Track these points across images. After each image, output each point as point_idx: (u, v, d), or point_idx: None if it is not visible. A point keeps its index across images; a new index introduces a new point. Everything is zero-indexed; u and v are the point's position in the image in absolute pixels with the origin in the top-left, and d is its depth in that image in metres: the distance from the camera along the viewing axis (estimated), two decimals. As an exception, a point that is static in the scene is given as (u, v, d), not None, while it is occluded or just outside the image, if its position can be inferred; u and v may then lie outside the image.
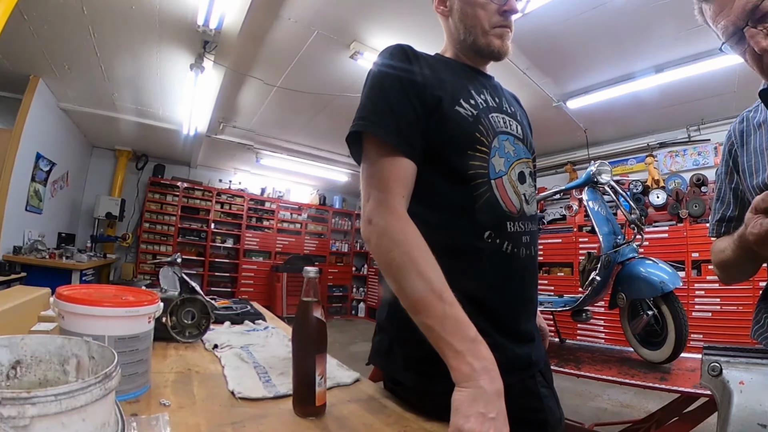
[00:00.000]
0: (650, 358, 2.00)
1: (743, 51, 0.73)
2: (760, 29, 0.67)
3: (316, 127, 5.40)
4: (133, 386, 0.68)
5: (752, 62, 0.73)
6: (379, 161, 0.72)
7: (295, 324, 0.68)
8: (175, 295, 1.16)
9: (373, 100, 0.74)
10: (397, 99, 0.73)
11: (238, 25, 3.02)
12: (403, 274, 0.65)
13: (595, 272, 2.22)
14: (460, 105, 0.76)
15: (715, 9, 0.73)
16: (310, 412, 0.66)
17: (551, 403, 0.80)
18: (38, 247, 4.16)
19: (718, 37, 0.75)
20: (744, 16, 0.68)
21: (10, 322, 0.92)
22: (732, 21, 0.70)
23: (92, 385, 0.34)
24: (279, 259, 7.52)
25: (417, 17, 3.00)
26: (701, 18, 0.79)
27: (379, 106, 0.73)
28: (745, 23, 0.68)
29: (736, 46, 0.73)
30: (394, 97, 0.73)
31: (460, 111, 0.76)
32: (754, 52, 0.70)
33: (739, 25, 0.69)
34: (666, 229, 4.40)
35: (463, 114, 0.76)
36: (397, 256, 0.66)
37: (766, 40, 0.67)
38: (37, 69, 3.90)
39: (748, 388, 0.55)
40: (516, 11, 0.82)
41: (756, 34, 0.67)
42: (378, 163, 0.72)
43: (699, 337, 3.67)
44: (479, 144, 0.76)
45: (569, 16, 2.96)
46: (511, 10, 0.81)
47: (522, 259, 0.77)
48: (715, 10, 0.73)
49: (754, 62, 0.72)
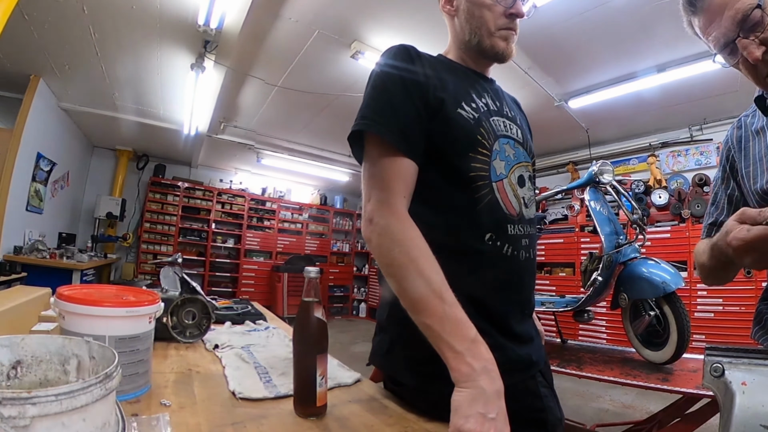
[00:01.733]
0: (652, 359, 1.99)
1: (737, 62, 0.72)
2: (752, 39, 0.66)
3: (317, 126, 5.40)
4: (133, 386, 0.68)
5: (747, 72, 0.72)
6: (381, 161, 0.71)
7: (296, 324, 0.68)
8: (175, 295, 1.16)
9: (376, 99, 0.74)
10: (400, 99, 0.73)
11: (238, 24, 3.02)
12: (403, 273, 0.65)
13: (597, 272, 2.22)
14: (461, 108, 0.76)
15: (704, 22, 0.72)
16: (310, 412, 0.66)
17: (551, 403, 0.81)
18: (39, 247, 4.17)
19: (710, 48, 0.74)
20: (734, 27, 0.67)
21: (11, 322, 0.91)
22: (723, 33, 0.69)
23: (93, 385, 0.34)
24: (280, 259, 7.53)
25: (418, 17, 3.00)
26: (690, 30, 0.78)
27: (382, 105, 0.73)
28: (736, 34, 0.67)
29: (729, 57, 0.72)
30: (397, 97, 0.73)
31: (462, 114, 0.76)
32: (748, 62, 0.69)
33: (731, 36, 0.68)
34: (668, 229, 4.39)
35: (465, 117, 0.76)
36: (398, 255, 0.65)
37: (759, 49, 0.66)
38: (38, 69, 3.90)
39: (750, 389, 0.55)
40: (522, 15, 0.82)
41: (749, 44, 0.67)
42: (380, 162, 0.72)
43: (701, 338, 3.67)
44: (481, 147, 0.76)
45: (571, 15, 2.95)
46: (517, 14, 0.82)
47: (522, 262, 0.78)
48: (704, 22, 0.72)
49: (749, 72, 0.72)
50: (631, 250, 2.17)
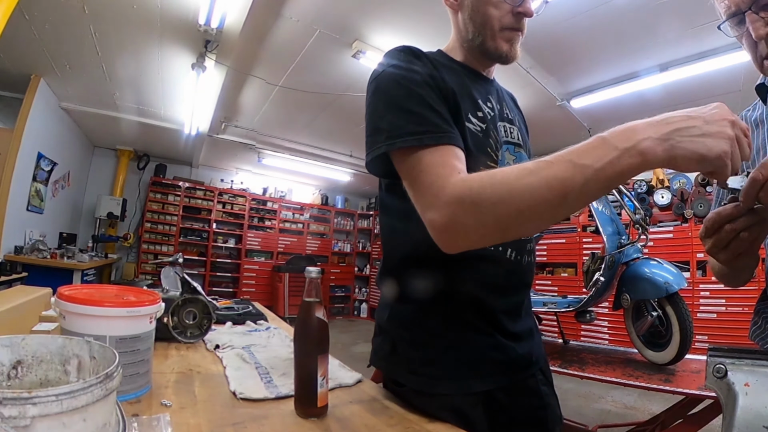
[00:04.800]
0: (654, 360, 1.99)
1: (741, 34, 0.73)
2: (762, 16, 0.67)
3: (318, 126, 5.40)
4: (134, 386, 0.68)
5: (748, 47, 0.73)
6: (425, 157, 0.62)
7: (297, 324, 0.67)
8: (176, 296, 1.16)
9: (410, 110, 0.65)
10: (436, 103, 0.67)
11: (239, 24, 3.03)
12: (534, 188, 0.52)
13: (599, 273, 2.21)
14: (468, 120, 0.73)
15: None
16: (311, 413, 0.65)
17: (551, 401, 0.82)
18: (39, 247, 4.17)
19: (720, 15, 0.75)
20: (749, 0, 0.68)
21: (12, 322, 0.91)
22: (735, 2, 0.70)
23: (93, 386, 0.33)
24: (281, 259, 7.53)
25: (419, 16, 3.00)
26: None
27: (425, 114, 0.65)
28: (747, 7, 0.68)
29: (735, 27, 0.73)
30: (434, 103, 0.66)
31: (469, 127, 0.73)
32: (751, 38, 0.70)
33: (742, 7, 0.69)
34: (671, 230, 4.39)
35: (473, 129, 0.73)
36: (512, 191, 0.53)
37: (765, 28, 0.67)
38: (39, 68, 3.91)
39: (753, 390, 0.54)
40: (531, 14, 0.77)
41: (757, 20, 0.68)
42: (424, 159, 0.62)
43: (704, 339, 3.67)
44: (489, 160, 0.74)
45: (573, 14, 2.95)
46: (525, 13, 0.76)
47: (524, 266, 0.79)
48: None
49: (750, 48, 0.73)
50: (634, 251, 2.17)
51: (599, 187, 0.51)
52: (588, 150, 0.51)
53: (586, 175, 0.50)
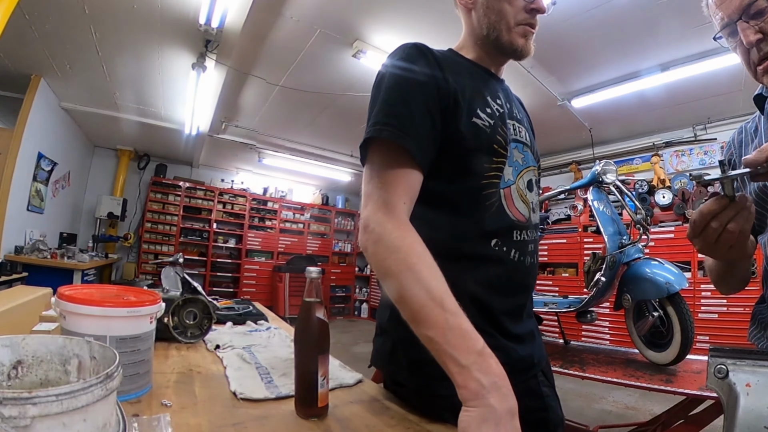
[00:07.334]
0: (656, 360, 1.99)
1: (735, 44, 0.77)
2: (752, 24, 0.71)
3: (318, 126, 5.40)
4: (134, 386, 0.68)
5: (741, 55, 0.77)
6: (386, 165, 0.68)
7: (298, 324, 0.67)
8: (177, 296, 1.16)
9: (390, 104, 0.70)
10: (416, 105, 0.69)
11: (240, 23, 3.03)
12: (400, 282, 0.59)
13: (600, 273, 2.21)
14: (477, 116, 0.74)
15: (716, 1, 0.77)
16: (312, 413, 0.65)
17: (553, 402, 0.81)
18: (40, 247, 4.18)
19: (715, 27, 0.79)
20: (739, 10, 0.72)
21: (12, 322, 0.91)
22: (728, 13, 0.74)
23: (93, 386, 0.33)
24: (281, 260, 7.53)
25: (420, 16, 3.00)
26: (707, 10, 0.82)
27: (397, 110, 0.69)
28: (738, 17, 0.72)
29: (730, 38, 0.77)
30: (413, 103, 0.69)
31: (477, 123, 0.73)
32: (743, 46, 0.74)
33: (733, 18, 0.73)
34: (672, 230, 4.38)
35: (480, 125, 0.74)
36: (394, 263, 0.60)
37: (755, 35, 0.71)
38: (39, 68, 3.91)
39: (754, 390, 0.54)
40: (544, 11, 0.80)
41: (747, 28, 0.72)
42: (385, 167, 0.68)
43: (705, 339, 3.66)
44: (496, 155, 0.75)
45: (574, 13, 2.95)
46: (538, 9, 0.79)
47: (527, 267, 0.79)
48: (716, 1, 0.77)
49: (743, 56, 0.77)
50: (635, 251, 2.16)
51: (419, 334, 0.58)
52: (463, 336, 0.57)
53: (428, 333, 0.57)
